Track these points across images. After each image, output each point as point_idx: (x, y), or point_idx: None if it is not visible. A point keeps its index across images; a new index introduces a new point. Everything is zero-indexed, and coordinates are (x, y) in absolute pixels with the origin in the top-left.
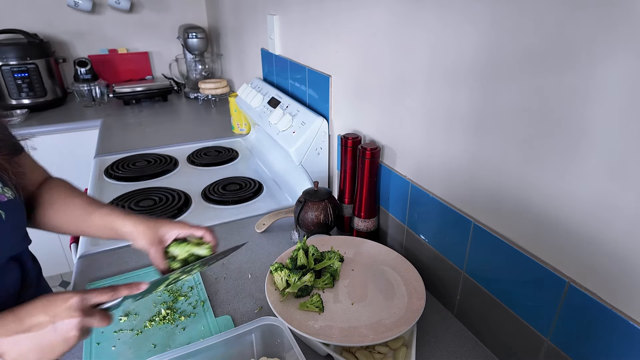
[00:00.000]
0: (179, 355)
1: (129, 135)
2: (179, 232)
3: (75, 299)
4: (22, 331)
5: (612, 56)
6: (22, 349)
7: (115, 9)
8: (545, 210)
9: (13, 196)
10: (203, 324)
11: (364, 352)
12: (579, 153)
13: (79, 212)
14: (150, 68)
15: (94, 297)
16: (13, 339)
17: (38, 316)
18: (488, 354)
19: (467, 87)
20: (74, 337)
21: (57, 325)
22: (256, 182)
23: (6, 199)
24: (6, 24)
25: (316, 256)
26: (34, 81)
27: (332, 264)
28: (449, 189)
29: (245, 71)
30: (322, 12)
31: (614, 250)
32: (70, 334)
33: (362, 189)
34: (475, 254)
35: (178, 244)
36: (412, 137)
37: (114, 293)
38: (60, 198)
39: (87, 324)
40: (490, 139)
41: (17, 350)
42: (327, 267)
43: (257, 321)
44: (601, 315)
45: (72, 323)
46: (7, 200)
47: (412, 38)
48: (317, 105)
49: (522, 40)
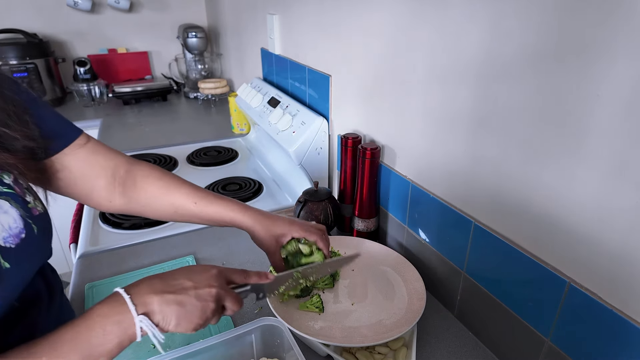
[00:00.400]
0: (178, 356)
1: (129, 135)
2: (295, 233)
3: (215, 270)
4: (169, 291)
5: (613, 56)
6: (167, 310)
7: (114, 9)
8: (545, 210)
9: (43, 209)
10: None
11: (364, 353)
12: (580, 153)
13: (190, 206)
14: (150, 68)
15: (230, 274)
16: (161, 298)
17: (182, 280)
18: (488, 354)
19: (467, 87)
20: (211, 308)
21: (199, 292)
22: (256, 182)
23: (38, 213)
24: (6, 24)
25: None
26: (34, 81)
27: None
28: (450, 189)
29: (245, 71)
30: (322, 12)
31: (614, 250)
32: (208, 304)
33: (362, 189)
34: (475, 254)
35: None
36: (412, 136)
37: (246, 276)
38: (162, 189)
39: (222, 298)
40: (490, 139)
41: (164, 310)
42: None
43: (257, 322)
44: (601, 315)
45: (211, 292)
46: (39, 214)
47: (413, 37)
48: (317, 105)
49: (522, 39)
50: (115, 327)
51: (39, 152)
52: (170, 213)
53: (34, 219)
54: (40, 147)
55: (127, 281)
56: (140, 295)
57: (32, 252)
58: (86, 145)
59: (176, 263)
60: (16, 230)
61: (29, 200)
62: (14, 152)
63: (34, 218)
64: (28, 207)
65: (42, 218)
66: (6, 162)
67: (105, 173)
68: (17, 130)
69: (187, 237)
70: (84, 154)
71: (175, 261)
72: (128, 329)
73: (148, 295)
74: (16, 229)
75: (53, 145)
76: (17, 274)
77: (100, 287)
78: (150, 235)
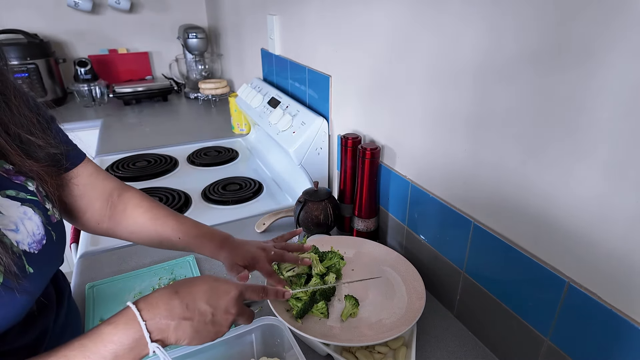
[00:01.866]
0: (179, 355)
1: (129, 135)
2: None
3: (235, 292)
4: (186, 318)
5: (612, 56)
6: (182, 335)
7: (115, 9)
8: (545, 210)
9: (59, 217)
10: None
11: (364, 352)
12: (579, 153)
13: (174, 240)
14: (150, 68)
15: (248, 294)
16: (178, 324)
17: (201, 305)
18: (488, 354)
19: (467, 87)
20: (223, 332)
21: (216, 319)
22: (256, 182)
23: (56, 220)
24: (6, 24)
25: None
26: (34, 81)
27: (336, 263)
28: (449, 189)
29: (245, 71)
30: (322, 12)
31: (614, 250)
32: (222, 329)
33: (362, 189)
34: (475, 254)
35: None
36: (412, 137)
37: (264, 294)
38: (151, 221)
39: (237, 321)
40: (490, 139)
41: (179, 335)
42: (330, 266)
43: (257, 321)
44: (601, 315)
45: (228, 319)
46: (57, 222)
47: (412, 38)
48: (317, 105)
49: (520, 40)
50: (127, 354)
51: (62, 161)
52: (155, 243)
53: (52, 226)
54: (63, 156)
55: (127, 281)
56: (156, 320)
57: (50, 258)
58: (89, 166)
59: (176, 263)
60: (39, 236)
61: (48, 207)
62: (37, 159)
63: (53, 225)
64: (48, 215)
65: (59, 225)
66: (31, 169)
67: (102, 196)
68: (41, 138)
69: None
70: (87, 174)
71: (175, 261)
72: (141, 353)
73: (165, 321)
74: (39, 235)
75: (71, 159)
76: (39, 279)
77: (101, 287)
78: None
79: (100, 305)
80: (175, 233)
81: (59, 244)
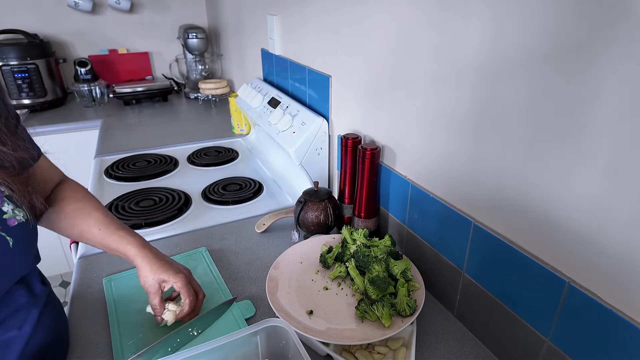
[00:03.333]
0: (185, 357)
1: (129, 136)
2: (177, 284)
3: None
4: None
5: (612, 57)
6: None
7: (115, 9)
8: (545, 210)
9: (24, 218)
10: None
11: (363, 352)
12: (579, 153)
13: (94, 231)
14: (151, 68)
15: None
16: None
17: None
18: (488, 354)
19: (467, 88)
20: None
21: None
22: (256, 182)
23: (16, 223)
24: (6, 24)
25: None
26: (34, 81)
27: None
28: (449, 189)
29: (245, 71)
30: (322, 12)
31: (614, 250)
32: None
33: (362, 189)
34: (475, 254)
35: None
36: (412, 137)
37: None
38: (76, 211)
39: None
40: (490, 139)
41: None
42: None
43: (262, 323)
44: (601, 315)
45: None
46: (18, 224)
47: (412, 38)
48: (317, 105)
49: (522, 40)
50: None
51: (30, 161)
52: (76, 235)
53: (8, 231)
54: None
55: (128, 281)
56: None
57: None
58: (46, 160)
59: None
60: None
61: (5, 210)
62: (5, 168)
63: (9, 229)
64: (3, 218)
65: (22, 228)
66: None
67: (50, 187)
68: (9, 145)
69: (188, 237)
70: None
71: (187, 253)
72: None
73: None
74: None
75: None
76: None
77: (119, 280)
78: (149, 236)
79: (120, 297)
80: (96, 225)
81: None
